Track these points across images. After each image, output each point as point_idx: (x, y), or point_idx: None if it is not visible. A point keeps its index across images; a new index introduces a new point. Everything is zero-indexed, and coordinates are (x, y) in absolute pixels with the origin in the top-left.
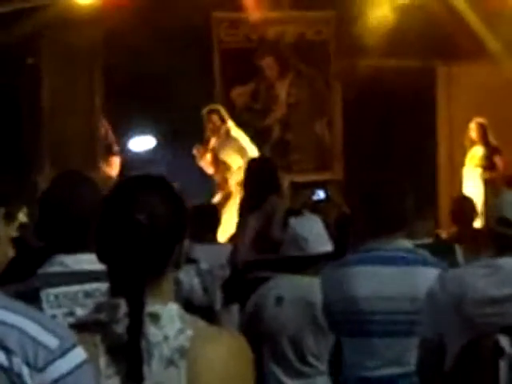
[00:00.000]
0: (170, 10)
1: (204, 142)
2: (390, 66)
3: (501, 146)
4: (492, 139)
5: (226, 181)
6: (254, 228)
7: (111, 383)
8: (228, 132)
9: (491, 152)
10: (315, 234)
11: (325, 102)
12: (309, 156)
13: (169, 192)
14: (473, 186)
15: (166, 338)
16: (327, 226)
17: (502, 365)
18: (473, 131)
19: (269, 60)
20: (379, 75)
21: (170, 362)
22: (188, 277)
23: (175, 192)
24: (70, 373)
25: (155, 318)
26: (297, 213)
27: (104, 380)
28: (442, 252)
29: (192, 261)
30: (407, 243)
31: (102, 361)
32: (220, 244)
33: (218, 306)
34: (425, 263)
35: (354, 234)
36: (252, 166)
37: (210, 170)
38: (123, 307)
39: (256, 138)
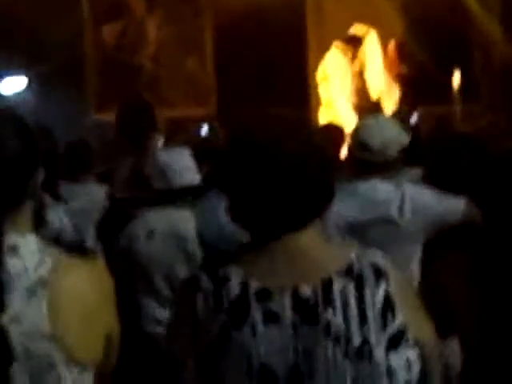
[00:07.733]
0: None
1: None
2: None
3: None
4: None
5: None
6: (129, 166)
7: None
8: None
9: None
10: (182, 166)
11: (195, 37)
12: (181, 92)
13: (21, 125)
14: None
15: (25, 269)
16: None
17: None
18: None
19: None
20: (250, 6)
21: (31, 293)
22: (57, 216)
23: (27, 125)
24: None
25: (14, 249)
26: None
27: None
28: None
29: (61, 199)
30: None
31: None
32: (95, 183)
33: (89, 242)
34: None
35: None
36: (127, 105)
37: None
38: None
39: (127, 76)
